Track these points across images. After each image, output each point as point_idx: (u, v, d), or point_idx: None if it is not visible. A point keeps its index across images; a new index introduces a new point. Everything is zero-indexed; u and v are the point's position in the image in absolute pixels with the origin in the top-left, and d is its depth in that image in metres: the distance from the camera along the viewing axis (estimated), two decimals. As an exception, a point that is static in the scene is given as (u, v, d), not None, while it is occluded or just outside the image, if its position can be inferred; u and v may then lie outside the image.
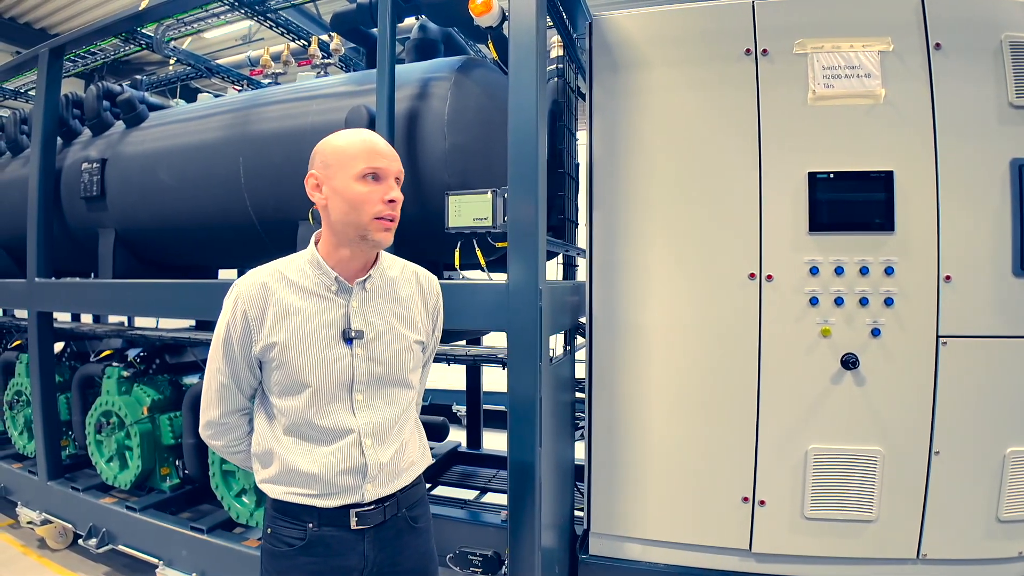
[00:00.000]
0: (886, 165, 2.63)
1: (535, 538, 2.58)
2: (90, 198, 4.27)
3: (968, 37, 2.62)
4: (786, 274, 2.71)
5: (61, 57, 4.50)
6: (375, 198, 1.67)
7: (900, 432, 2.66)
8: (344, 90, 3.42)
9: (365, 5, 3.55)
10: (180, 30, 6.29)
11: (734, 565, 2.84)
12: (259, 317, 1.71)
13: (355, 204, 1.67)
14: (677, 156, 2.84)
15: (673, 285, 2.84)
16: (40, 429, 4.39)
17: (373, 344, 1.77)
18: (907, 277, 2.62)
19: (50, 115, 4.39)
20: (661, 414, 2.87)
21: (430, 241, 3.01)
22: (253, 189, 3.52)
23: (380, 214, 1.68)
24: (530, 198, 2.55)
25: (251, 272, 1.77)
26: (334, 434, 1.72)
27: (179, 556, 3.62)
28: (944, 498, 2.65)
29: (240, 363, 1.76)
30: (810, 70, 2.69)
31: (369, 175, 1.68)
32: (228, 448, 1.89)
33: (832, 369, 2.67)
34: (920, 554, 2.67)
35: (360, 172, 1.67)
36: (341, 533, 1.73)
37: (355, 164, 1.67)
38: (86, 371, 4.55)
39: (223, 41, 12.00)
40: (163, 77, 8.49)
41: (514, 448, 2.59)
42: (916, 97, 2.63)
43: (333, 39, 4.77)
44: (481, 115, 3.10)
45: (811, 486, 2.71)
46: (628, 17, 2.91)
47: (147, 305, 3.92)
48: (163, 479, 4.21)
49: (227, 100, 4.07)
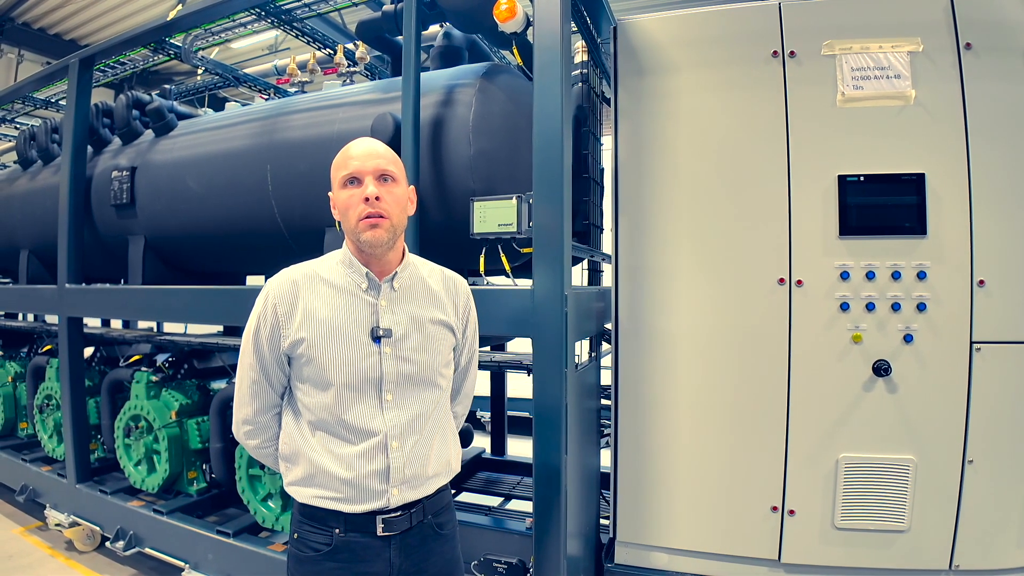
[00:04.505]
0: (917, 167, 2.58)
1: (560, 546, 2.56)
2: (120, 206, 4.33)
3: (999, 36, 2.57)
4: (816, 279, 2.66)
5: (91, 67, 4.58)
6: (355, 201, 1.73)
7: (933, 440, 2.60)
8: (370, 98, 3.44)
9: (390, 13, 3.57)
10: (208, 40, 6.38)
11: (763, 575, 2.79)
12: (288, 312, 1.74)
13: (343, 211, 1.75)
14: (704, 160, 2.81)
15: (700, 290, 2.81)
16: (69, 432, 4.46)
17: (402, 343, 1.78)
18: (940, 282, 2.57)
19: (80, 124, 4.47)
20: (688, 421, 2.84)
21: (455, 247, 3.01)
22: (281, 196, 3.55)
23: (362, 214, 1.72)
24: (555, 203, 2.54)
25: (284, 270, 1.82)
26: (361, 433, 1.73)
27: (205, 559, 3.64)
28: (977, 507, 2.59)
29: (269, 358, 1.79)
30: (839, 72, 2.65)
31: (347, 180, 1.74)
32: (261, 448, 1.91)
33: (864, 376, 2.62)
34: (953, 565, 2.61)
35: (341, 180, 1.75)
36: (367, 539, 1.74)
37: (337, 174, 1.77)
38: (115, 376, 4.61)
39: (250, 51, 12.17)
40: (191, 86, 8.64)
41: (539, 455, 2.58)
42: (947, 98, 2.58)
43: (358, 47, 4.82)
44: (506, 121, 3.11)
45: (842, 495, 2.65)
46: (653, 21, 2.90)
47: (176, 311, 3.97)
48: (190, 483, 4.25)
49: (254, 109, 4.11)
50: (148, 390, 4.29)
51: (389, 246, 1.76)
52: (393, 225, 1.75)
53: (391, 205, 1.74)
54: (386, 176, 1.75)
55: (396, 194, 1.76)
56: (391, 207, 1.74)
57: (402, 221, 1.80)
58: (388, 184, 1.75)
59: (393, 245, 1.78)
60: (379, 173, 1.74)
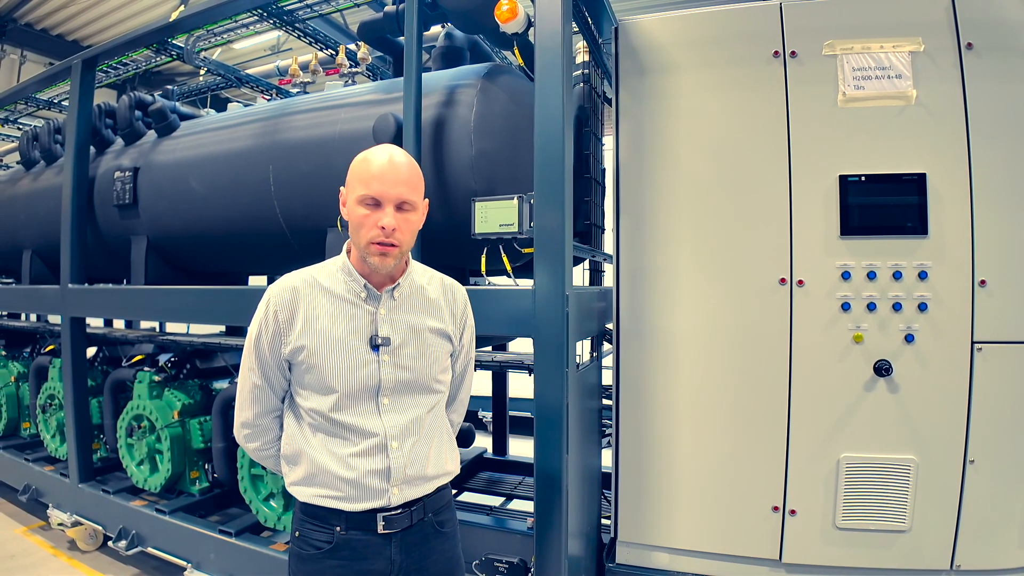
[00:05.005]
0: (918, 167, 2.58)
1: (561, 546, 2.56)
2: (122, 206, 4.34)
3: (1001, 36, 2.57)
4: (817, 279, 2.66)
5: (94, 68, 4.59)
6: (371, 223, 1.69)
7: (934, 440, 2.60)
8: (372, 98, 3.45)
9: (392, 14, 3.57)
10: (210, 41, 6.39)
11: (764, 575, 2.79)
12: (289, 320, 1.76)
13: (355, 226, 1.72)
14: (705, 160, 2.81)
15: (702, 290, 2.81)
16: (72, 432, 4.47)
17: (400, 351, 1.79)
18: (941, 282, 2.57)
19: (83, 125, 4.48)
20: (690, 421, 2.84)
21: (457, 247, 3.02)
22: (283, 197, 3.55)
23: (375, 239, 1.69)
24: (556, 204, 2.55)
25: (285, 276, 1.82)
26: (361, 435, 1.74)
27: (207, 559, 3.65)
28: (979, 507, 2.59)
29: (270, 364, 1.80)
30: (840, 72, 2.66)
31: (366, 200, 1.70)
32: (261, 451, 1.93)
33: (865, 376, 2.62)
34: (954, 565, 2.61)
35: (359, 197, 1.70)
36: (368, 537, 1.75)
37: (358, 188, 1.71)
38: (118, 376, 4.62)
39: (252, 52, 12.17)
40: (194, 87, 8.65)
41: (540, 455, 2.58)
42: (948, 98, 2.58)
43: (360, 48, 4.83)
44: (507, 121, 3.11)
45: (843, 495, 2.66)
46: (654, 21, 2.90)
47: (178, 311, 3.98)
48: (192, 482, 4.26)
49: (257, 109, 4.12)
50: (151, 390, 4.30)
51: (394, 269, 1.77)
52: (402, 252, 1.75)
53: (404, 234, 1.72)
54: (406, 204, 1.72)
55: (411, 221, 1.75)
56: (404, 236, 1.72)
57: (412, 244, 1.78)
58: (406, 211, 1.72)
59: (398, 266, 1.79)
60: (400, 201, 1.71)
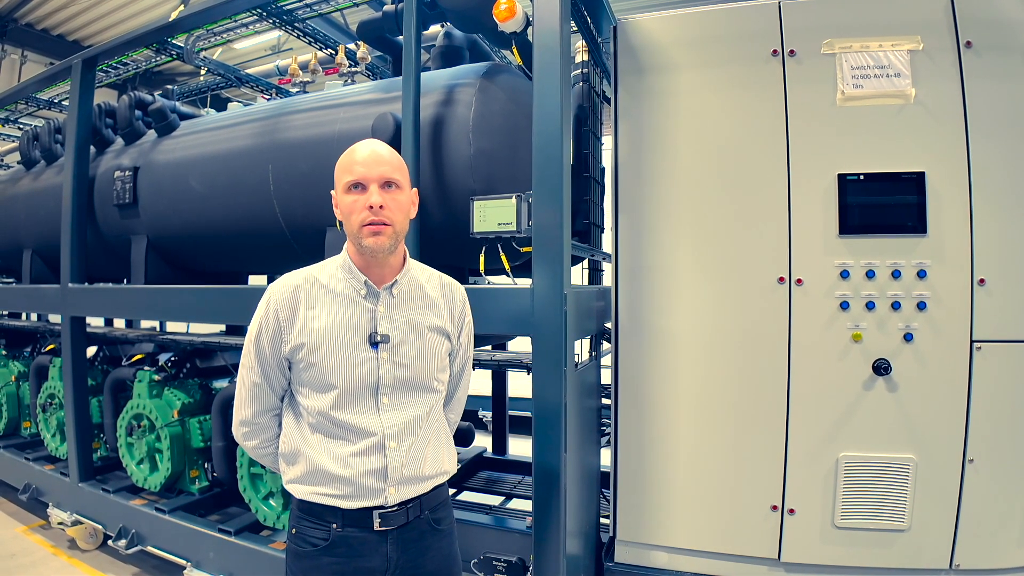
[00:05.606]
0: (917, 166, 2.58)
1: (560, 545, 2.56)
2: (123, 205, 4.35)
3: (1000, 35, 2.57)
4: (816, 278, 2.66)
5: (94, 68, 4.59)
6: (359, 206, 1.73)
7: (933, 439, 2.60)
8: (371, 97, 3.45)
9: (391, 13, 3.57)
10: (210, 41, 6.40)
11: (763, 574, 2.79)
12: (289, 318, 1.77)
13: (346, 215, 1.76)
14: (704, 159, 2.81)
15: (700, 289, 2.81)
16: (72, 431, 4.47)
17: (399, 348, 1.80)
18: (940, 280, 2.57)
19: (83, 124, 4.48)
20: (689, 420, 2.84)
21: (455, 246, 3.02)
22: (282, 196, 3.56)
23: (365, 221, 1.72)
24: (555, 203, 2.55)
25: (286, 275, 1.84)
26: (359, 433, 1.75)
27: (207, 558, 3.65)
28: (978, 507, 2.59)
29: (270, 362, 1.81)
30: (838, 70, 2.65)
31: (352, 186, 1.74)
32: (259, 449, 1.94)
33: (864, 375, 2.62)
34: (953, 564, 2.60)
35: (345, 185, 1.75)
36: (364, 534, 1.76)
37: (342, 177, 1.76)
38: (118, 375, 4.63)
39: (252, 51, 12.18)
40: (194, 87, 8.66)
41: (539, 454, 2.58)
42: (947, 96, 2.58)
43: (360, 48, 4.83)
44: (506, 120, 3.11)
45: (842, 495, 2.65)
46: (653, 20, 2.90)
47: (178, 310, 3.99)
48: (192, 482, 4.27)
49: (256, 109, 4.12)
50: (150, 389, 4.30)
51: (391, 251, 1.78)
52: (395, 232, 1.76)
53: (394, 212, 1.75)
54: (390, 183, 1.76)
55: (399, 200, 1.77)
56: (394, 214, 1.75)
57: (404, 226, 1.81)
58: (392, 191, 1.76)
59: (394, 250, 1.80)
60: (384, 180, 1.74)
